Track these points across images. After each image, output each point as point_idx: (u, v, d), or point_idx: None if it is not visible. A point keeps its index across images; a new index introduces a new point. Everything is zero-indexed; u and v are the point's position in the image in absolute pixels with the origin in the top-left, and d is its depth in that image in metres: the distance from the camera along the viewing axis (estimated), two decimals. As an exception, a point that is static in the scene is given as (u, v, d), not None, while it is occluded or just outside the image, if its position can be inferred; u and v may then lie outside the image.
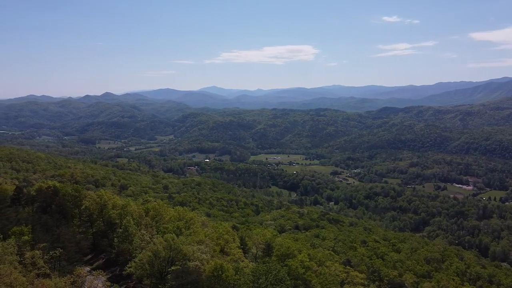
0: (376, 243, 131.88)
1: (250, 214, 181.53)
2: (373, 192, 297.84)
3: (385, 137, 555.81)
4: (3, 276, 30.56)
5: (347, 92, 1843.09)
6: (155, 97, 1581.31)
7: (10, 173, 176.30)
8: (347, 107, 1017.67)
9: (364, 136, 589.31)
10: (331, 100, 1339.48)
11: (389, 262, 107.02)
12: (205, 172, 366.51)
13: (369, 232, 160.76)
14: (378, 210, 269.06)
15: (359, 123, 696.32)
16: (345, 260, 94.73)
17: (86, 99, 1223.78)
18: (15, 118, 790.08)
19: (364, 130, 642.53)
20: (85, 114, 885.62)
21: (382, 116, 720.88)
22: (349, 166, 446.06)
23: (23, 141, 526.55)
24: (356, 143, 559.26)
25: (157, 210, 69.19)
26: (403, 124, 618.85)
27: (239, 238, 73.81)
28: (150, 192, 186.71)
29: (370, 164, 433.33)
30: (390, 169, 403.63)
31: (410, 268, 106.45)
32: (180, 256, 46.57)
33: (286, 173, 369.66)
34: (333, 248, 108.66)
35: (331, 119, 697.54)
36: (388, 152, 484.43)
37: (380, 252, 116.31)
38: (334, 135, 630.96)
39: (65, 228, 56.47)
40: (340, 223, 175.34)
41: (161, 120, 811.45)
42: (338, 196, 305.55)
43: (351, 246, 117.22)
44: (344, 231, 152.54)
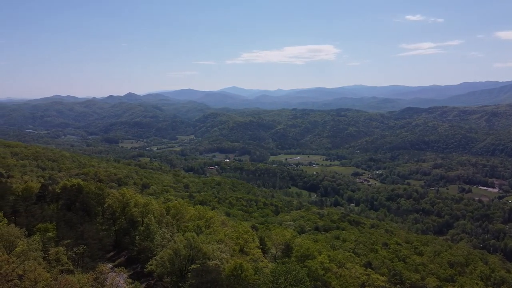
0: (398, 245, 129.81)
1: (270, 214, 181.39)
2: (395, 193, 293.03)
3: (408, 138, 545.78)
4: (28, 272, 31.32)
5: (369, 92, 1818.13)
6: (177, 97, 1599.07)
7: (36, 171, 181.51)
8: (369, 107, 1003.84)
9: (386, 136, 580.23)
10: (353, 100, 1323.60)
11: (411, 265, 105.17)
12: (225, 171, 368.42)
13: (391, 235, 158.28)
14: (400, 212, 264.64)
15: (381, 123, 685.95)
16: (366, 263, 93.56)
17: (110, 99, 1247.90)
18: (42, 118, 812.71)
19: (386, 131, 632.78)
20: (109, 114, 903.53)
21: (405, 117, 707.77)
22: (370, 167, 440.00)
23: (48, 140, 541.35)
24: (378, 143, 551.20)
25: (178, 208, 69.97)
26: (426, 124, 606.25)
27: (259, 238, 73.83)
28: (171, 191, 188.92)
29: (392, 165, 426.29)
30: (413, 170, 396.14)
31: (433, 271, 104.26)
32: (200, 255, 46.95)
33: (306, 174, 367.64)
34: (354, 250, 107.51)
35: (353, 119, 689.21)
36: (411, 153, 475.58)
37: (402, 255, 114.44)
38: (355, 135, 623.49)
39: (89, 225, 57.69)
40: (361, 225, 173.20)
41: (182, 120, 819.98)
42: (359, 197, 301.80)
43: (372, 248, 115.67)
44: (365, 233, 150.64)
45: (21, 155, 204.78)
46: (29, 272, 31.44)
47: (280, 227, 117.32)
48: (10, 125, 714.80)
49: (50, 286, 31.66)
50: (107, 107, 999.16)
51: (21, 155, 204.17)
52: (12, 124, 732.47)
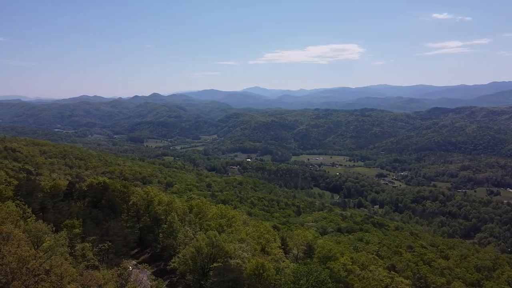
0: (423, 248, 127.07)
1: (291, 214, 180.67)
2: (421, 196, 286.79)
3: (434, 139, 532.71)
4: (54, 267, 32.03)
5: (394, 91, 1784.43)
6: (200, 97, 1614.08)
7: (64, 169, 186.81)
8: (394, 107, 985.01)
9: (412, 137, 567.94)
10: (377, 100, 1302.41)
11: (437, 269, 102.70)
12: (246, 171, 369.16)
13: (416, 237, 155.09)
14: (425, 214, 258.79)
15: (406, 124, 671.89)
16: (390, 265, 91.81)
17: (135, 100, 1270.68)
18: (69, 117, 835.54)
19: (412, 131, 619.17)
20: (134, 114, 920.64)
21: (431, 117, 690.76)
22: (395, 169, 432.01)
23: (76, 139, 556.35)
24: (403, 144, 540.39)
25: (200, 207, 70.54)
26: (453, 125, 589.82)
27: (280, 238, 73.60)
28: (194, 190, 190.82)
29: (418, 167, 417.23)
30: (439, 172, 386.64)
31: (459, 276, 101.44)
32: (222, 254, 47.17)
33: (328, 175, 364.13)
34: (377, 252, 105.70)
35: (377, 119, 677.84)
36: (438, 155, 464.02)
37: (427, 258, 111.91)
38: (380, 136, 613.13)
39: (114, 222, 58.80)
40: (385, 227, 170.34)
41: (205, 120, 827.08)
42: (383, 199, 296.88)
43: (396, 251, 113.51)
44: (389, 235, 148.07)
45: (49, 153, 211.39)
46: (56, 267, 32.12)
47: (302, 227, 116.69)
48: (39, 124, 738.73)
49: (75, 281, 32.36)
50: (132, 107, 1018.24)
51: (50, 154, 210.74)
52: (41, 123, 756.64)
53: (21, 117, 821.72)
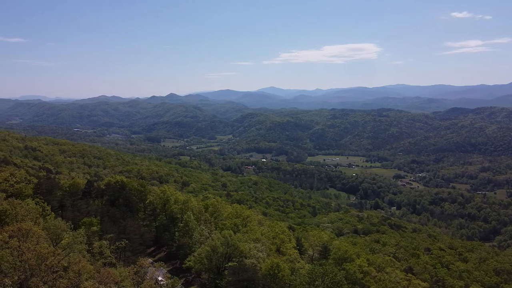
0: (441, 251, 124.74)
1: (307, 215, 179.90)
2: (439, 197, 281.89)
3: (453, 140, 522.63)
4: (72, 264, 32.57)
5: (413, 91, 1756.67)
6: (216, 98, 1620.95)
7: (83, 168, 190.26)
8: (412, 108, 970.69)
9: (431, 138, 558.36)
10: (395, 100, 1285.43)
11: (455, 272, 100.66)
12: (262, 171, 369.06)
13: (434, 240, 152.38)
14: (444, 217, 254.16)
15: (425, 124, 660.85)
16: (407, 268, 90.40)
17: (153, 100, 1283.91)
18: (88, 117, 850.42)
19: (430, 132, 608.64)
20: (151, 114, 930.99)
21: (450, 117, 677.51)
22: (413, 170, 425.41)
23: (95, 139, 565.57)
24: (422, 145, 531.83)
25: (215, 206, 70.87)
26: (473, 126, 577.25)
27: (295, 239, 73.35)
28: (209, 189, 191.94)
29: (436, 168, 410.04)
30: (458, 173, 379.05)
31: (478, 279, 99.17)
32: (237, 253, 47.22)
33: (345, 175, 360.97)
34: (394, 254, 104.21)
35: (395, 119, 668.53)
36: (457, 156, 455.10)
37: (445, 261, 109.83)
38: (397, 136, 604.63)
39: (131, 220, 59.49)
40: (402, 229, 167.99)
41: (221, 120, 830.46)
42: (400, 200, 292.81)
43: (413, 253, 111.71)
44: (407, 237, 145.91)
45: (68, 152, 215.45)
46: (74, 264, 32.66)
47: (318, 228, 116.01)
48: (59, 124, 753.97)
49: (93, 278, 32.83)
50: (150, 107, 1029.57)
51: (69, 153, 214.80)
52: (60, 123, 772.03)
53: (41, 117, 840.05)
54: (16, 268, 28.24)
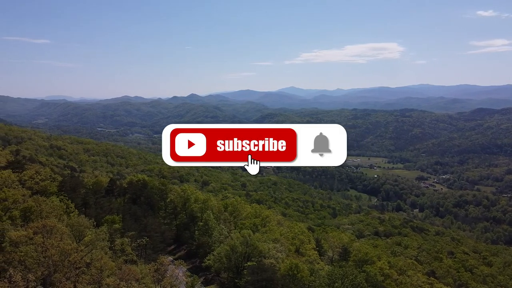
0: (464, 255, 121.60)
1: (327, 216, 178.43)
2: (463, 200, 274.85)
3: (478, 141, 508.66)
4: (94, 260, 33.19)
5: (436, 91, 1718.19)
6: (236, 98, 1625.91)
7: (106, 166, 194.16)
8: (436, 108, 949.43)
9: (455, 139, 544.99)
10: (418, 100, 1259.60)
11: (479, 276, 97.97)
12: (281, 171, 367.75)
13: (457, 243, 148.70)
14: (468, 220, 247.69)
15: (449, 125, 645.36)
16: (429, 271, 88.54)
17: (174, 100, 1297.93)
18: (111, 117, 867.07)
19: (454, 133, 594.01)
20: (173, 114, 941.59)
21: (475, 118, 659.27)
22: (436, 172, 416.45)
23: (117, 138, 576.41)
24: (446, 146, 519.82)
25: (235, 206, 71.04)
26: (499, 127, 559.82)
27: (315, 240, 72.85)
28: (229, 188, 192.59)
29: (460, 170, 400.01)
30: (483, 176, 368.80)
31: (502, 283, 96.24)
32: (256, 253, 47.20)
33: (366, 177, 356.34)
34: (416, 257, 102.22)
35: (418, 120, 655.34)
36: (482, 158, 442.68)
37: (469, 265, 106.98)
38: (420, 137, 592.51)
39: (152, 218, 60.33)
40: (425, 232, 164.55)
41: (241, 120, 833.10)
42: (423, 203, 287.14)
43: (436, 256, 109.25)
44: (429, 240, 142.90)
45: (92, 151, 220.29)
46: (96, 261, 33.26)
47: (338, 230, 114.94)
48: (83, 123, 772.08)
49: (114, 275, 33.35)
50: (171, 107, 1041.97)
51: (93, 152, 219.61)
52: (85, 122, 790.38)
53: (66, 117, 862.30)
54: (40, 264, 28.94)
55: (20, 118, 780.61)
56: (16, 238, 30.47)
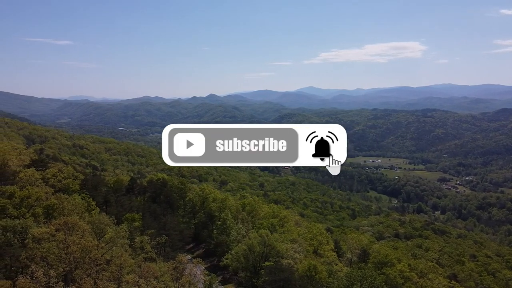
0: (487, 258, 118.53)
1: (346, 218, 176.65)
2: (487, 202, 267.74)
3: (502, 142, 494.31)
4: (114, 258, 33.73)
5: (459, 91, 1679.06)
6: (254, 98, 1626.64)
7: (127, 165, 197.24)
8: (459, 108, 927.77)
9: (478, 140, 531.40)
10: (441, 100, 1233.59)
11: (502, 280, 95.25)
12: (299, 172, 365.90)
13: (480, 246, 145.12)
14: (491, 222, 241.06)
15: (472, 125, 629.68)
16: (451, 274, 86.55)
17: (193, 100, 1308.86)
18: (132, 117, 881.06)
19: (478, 134, 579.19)
20: (192, 114, 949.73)
21: (499, 118, 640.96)
22: (459, 173, 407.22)
23: (138, 138, 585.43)
24: (469, 147, 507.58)
25: (252, 206, 71.07)
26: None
27: (333, 241, 72.21)
28: (247, 188, 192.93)
29: (484, 172, 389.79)
30: (507, 177, 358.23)
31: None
32: (274, 253, 47.09)
33: (386, 178, 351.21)
34: (438, 260, 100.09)
35: (440, 120, 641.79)
36: (506, 159, 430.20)
37: (492, 269, 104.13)
38: (443, 138, 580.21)
39: (171, 217, 60.89)
40: (447, 234, 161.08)
41: (259, 120, 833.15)
42: (445, 205, 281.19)
43: (458, 259, 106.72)
44: (451, 243, 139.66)
45: (113, 150, 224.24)
46: (116, 258, 33.79)
47: (357, 231, 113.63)
48: (105, 123, 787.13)
49: (134, 272, 33.82)
50: (190, 107, 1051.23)
51: (114, 151, 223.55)
52: (106, 122, 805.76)
53: (88, 116, 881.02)
54: (62, 260, 29.55)
55: (44, 117, 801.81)
56: (39, 235, 31.18)
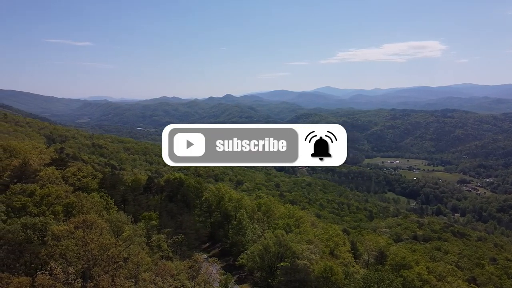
0: (508, 261, 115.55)
1: (363, 219, 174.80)
2: (508, 204, 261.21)
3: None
4: (132, 256, 34.15)
5: (480, 91, 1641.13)
6: (270, 98, 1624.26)
7: (144, 165, 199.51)
8: (480, 108, 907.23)
9: (499, 141, 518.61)
10: (461, 100, 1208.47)
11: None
12: (316, 172, 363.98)
13: (500, 249, 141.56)
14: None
15: (493, 126, 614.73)
16: (470, 278, 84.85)
17: (210, 101, 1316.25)
18: (150, 117, 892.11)
19: (499, 135, 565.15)
20: (209, 114, 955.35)
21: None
22: (480, 175, 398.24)
23: (156, 137, 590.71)
24: (490, 148, 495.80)
25: (268, 206, 70.98)
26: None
27: (350, 243, 71.55)
28: (263, 188, 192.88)
29: (505, 173, 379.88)
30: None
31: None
32: (289, 253, 46.91)
33: (404, 179, 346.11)
34: (457, 263, 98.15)
35: (460, 121, 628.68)
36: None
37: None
38: (463, 139, 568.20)
39: (187, 216, 61.33)
40: (466, 237, 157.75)
41: (275, 120, 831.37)
42: (465, 207, 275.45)
43: (477, 262, 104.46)
44: (471, 246, 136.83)
45: (132, 150, 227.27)
46: (133, 256, 34.19)
47: (374, 233, 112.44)
48: (123, 123, 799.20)
49: (150, 270, 34.17)
50: (207, 107, 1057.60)
51: (132, 150, 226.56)
52: (125, 122, 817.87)
53: (107, 116, 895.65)
54: (80, 257, 30.07)
55: (64, 117, 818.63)
56: (58, 232, 31.78)
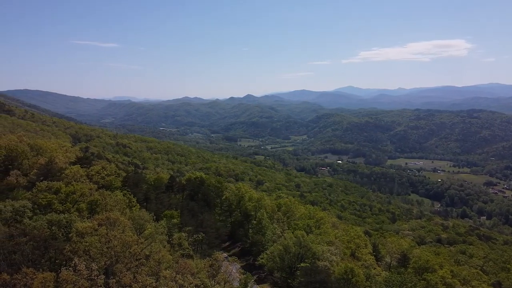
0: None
1: (385, 221, 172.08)
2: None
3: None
4: (153, 253, 34.62)
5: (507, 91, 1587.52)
6: (291, 98, 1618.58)
7: (167, 164, 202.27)
8: (507, 109, 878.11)
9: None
10: (487, 100, 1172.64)
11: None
12: (337, 173, 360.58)
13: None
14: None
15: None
16: (495, 282, 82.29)
17: (231, 101, 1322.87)
18: (173, 117, 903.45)
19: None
20: (229, 114, 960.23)
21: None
22: (507, 177, 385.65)
23: (178, 137, 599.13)
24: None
25: (288, 206, 70.70)
26: None
27: (372, 245, 70.59)
28: (283, 189, 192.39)
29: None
30: None
31: None
32: (310, 254, 46.59)
33: (429, 181, 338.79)
34: (482, 267, 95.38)
35: (487, 121, 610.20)
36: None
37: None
38: (489, 140, 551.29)
39: (208, 215, 61.71)
40: (492, 241, 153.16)
41: (296, 120, 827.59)
42: (491, 210, 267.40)
43: (503, 267, 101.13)
44: (497, 249, 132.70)
45: (154, 149, 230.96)
46: (155, 253, 34.65)
47: (397, 235, 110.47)
48: (146, 123, 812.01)
49: (171, 268, 34.54)
50: (228, 108, 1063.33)
51: (155, 150, 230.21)
52: (148, 122, 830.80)
53: (131, 116, 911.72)
54: (103, 254, 30.66)
55: (89, 117, 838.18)
56: (82, 229, 32.53)
